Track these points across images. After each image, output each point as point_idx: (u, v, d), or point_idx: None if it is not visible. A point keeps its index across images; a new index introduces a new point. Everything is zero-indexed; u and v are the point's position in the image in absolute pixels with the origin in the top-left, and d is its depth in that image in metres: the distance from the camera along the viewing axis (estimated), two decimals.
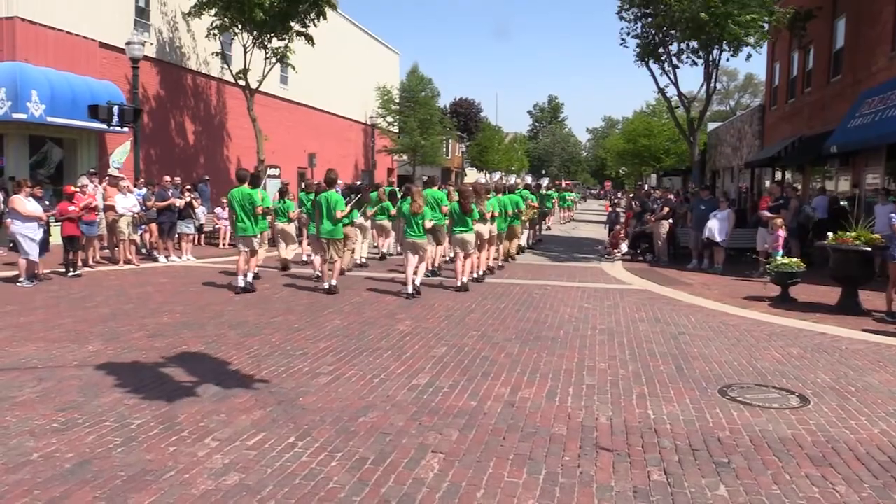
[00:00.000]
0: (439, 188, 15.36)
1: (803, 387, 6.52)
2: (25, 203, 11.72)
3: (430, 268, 13.30)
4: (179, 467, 4.42)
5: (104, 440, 4.84)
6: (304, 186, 15.31)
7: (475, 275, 12.99)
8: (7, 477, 4.22)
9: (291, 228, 14.51)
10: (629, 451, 4.86)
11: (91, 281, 12.15)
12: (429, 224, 11.73)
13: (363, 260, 15.52)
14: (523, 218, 17.76)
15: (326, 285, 11.63)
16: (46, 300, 10.31)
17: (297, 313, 9.66)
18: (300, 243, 15.68)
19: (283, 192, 14.55)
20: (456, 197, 13.11)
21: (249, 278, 11.70)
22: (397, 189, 17.88)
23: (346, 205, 11.87)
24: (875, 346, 8.34)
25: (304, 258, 15.39)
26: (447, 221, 13.16)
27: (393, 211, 15.46)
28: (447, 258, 15.23)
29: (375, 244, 17.02)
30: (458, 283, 12.05)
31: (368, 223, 15.98)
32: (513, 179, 57.74)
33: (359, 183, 23.93)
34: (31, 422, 5.17)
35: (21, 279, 11.49)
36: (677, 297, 11.81)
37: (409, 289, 11.29)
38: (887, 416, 5.72)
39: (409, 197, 12.31)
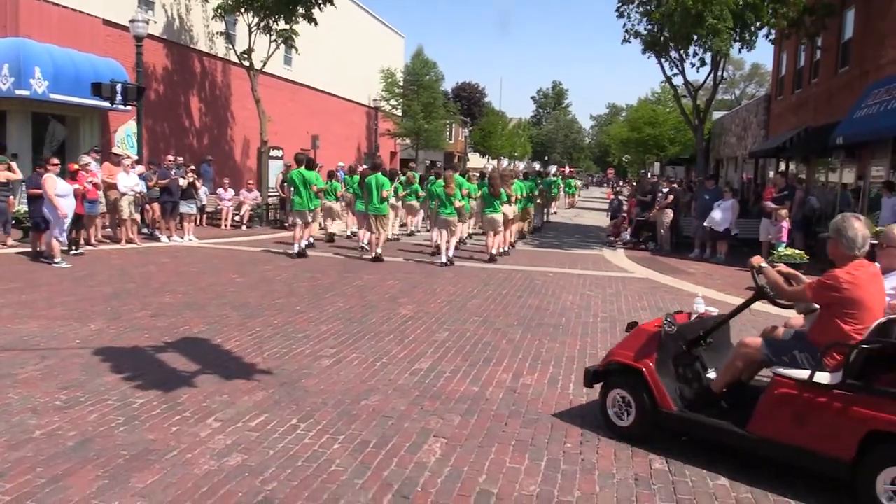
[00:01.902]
0: (461, 174, 16.77)
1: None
2: (56, 183, 11.60)
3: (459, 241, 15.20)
4: (182, 447, 4.43)
5: (106, 419, 4.85)
6: (349, 169, 17.65)
7: (503, 249, 14.93)
8: (9, 454, 4.23)
9: (337, 206, 16.85)
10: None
11: (93, 260, 12.14)
12: (458, 204, 13.64)
13: (395, 235, 17.36)
14: (539, 201, 21.03)
15: (373, 254, 13.39)
16: (49, 278, 10.30)
17: (299, 295, 9.66)
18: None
19: (330, 175, 16.77)
20: (476, 180, 16.11)
21: (303, 245, 13.68)
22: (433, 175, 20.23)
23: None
24: None
25: (349, 233, 17.27)
26: (472, 203, 15.37)
27: (421, 192, 17.77)
28: (470, 235, 17.66)
29: (403, 222, 19.28)
30: (488, 256, 13.98)
31: (399, 203, 17.80)
32: (521, 166, 58.07)
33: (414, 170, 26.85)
34: (33, 399, 5.17)
35: (56, 259, 11.33)
36: (679, 286, 11.80)
37: (444, 258, 13.17)
38: None
39: (440, 181, 14.26)
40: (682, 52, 20.16)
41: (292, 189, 13.91)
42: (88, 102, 17.03)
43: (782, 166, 23.56)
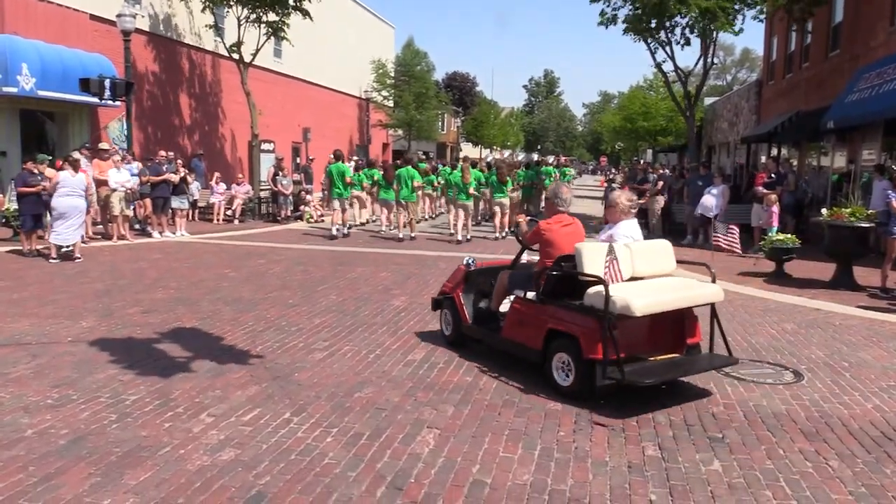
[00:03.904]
0: (473, 165, 19.23)
1: (797, 362, 6.55)
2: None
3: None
4: (175, 443, 4.42)
5: (99, 416, 4.83)
6: (367, 163, 20.43)
7: (506, 230, 16.75)
8: (1, 453, 4.21)
9: (363, 195, 19.25)
10: (624, 426, 4.87)
11: (84, 256, 12.06)
12: (472, 191, 16.21)
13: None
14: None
15: (401, 235, 15.78)
16: (40, 276, 10.26)
17: (292, 289, 9.64)
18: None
19: (357, 168, 19.67)
20: (485, 170, 19.34)
21: (345, 230, 16.20)
22: (446, 166, 22.63)
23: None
24: (869, 322, 8.37)
25: (373, 218, 19.71)
26: (483, 190, 18.28)
27: (436, 182, 20.62)
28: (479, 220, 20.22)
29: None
30: (496, 236, 16.47)
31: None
32: (521, 156, 58.46)
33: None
34: (25, 398, 5.15)
35: (54, 256, 11.58)
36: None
37: (459, 236, 15.70)
38: (880, 391, 5.75)
39: (455, 171, 16.98)
40: (667, 32, 20.15)
41: (329, 181, 16.39)
42: (77, 98, 16.93)
43: (774, 151, 23.58)
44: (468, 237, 15.78)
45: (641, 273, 5.61)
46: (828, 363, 6.53)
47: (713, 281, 5.74)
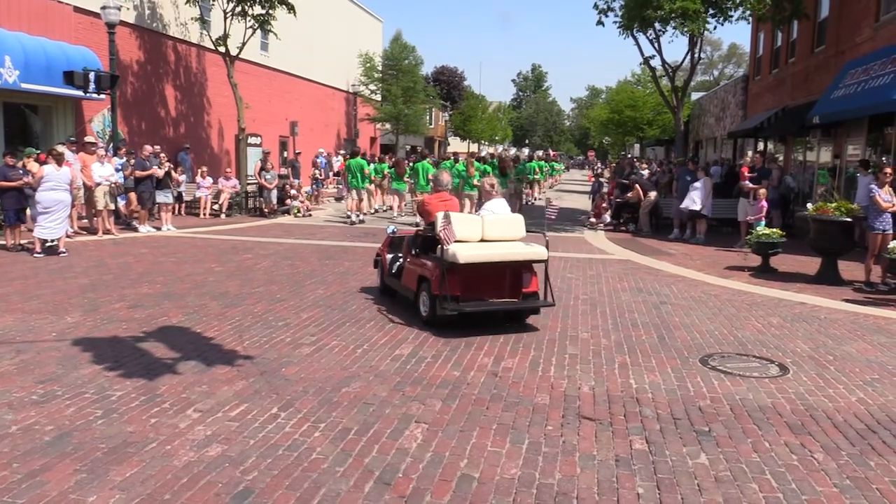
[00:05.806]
0: (477, 160, 21.16)
1: (783, 356, 6.60)
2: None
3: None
4: (161, 439, 4.39)
5: (84, 412, 4.79)
6: (378, 158, 22.59)
7: None
8: None
9: (372, 187, 21.02)
10: (611, 420, 4.89)
11: (70, 251, 11.96)
12: (477, 182, 16.53)
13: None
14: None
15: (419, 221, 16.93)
16: (24, 271, 10.15)
17: (279, 283, 9.60)
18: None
19: (369, 162, 21.19)
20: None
21: (360, 217, 18.28)
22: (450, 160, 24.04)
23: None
24: (853, 316, 8.44)
25: (385, 207, 21.92)
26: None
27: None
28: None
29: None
30: None
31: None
32: (512, 151, 59.06)
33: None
34: (9, 394, 5.10)
35: (38, 251, 11.53)
36: (659, 266, 11.87)
37: None
38: (865, 384, 5.81)
39: (458, 165, 18.82)
40: (657, 28, 20.14)
41: (348, 173, 18.63)
42: (61, 91, 16.73)
43: (760, 146, 23.71)
44: None
45: (491, 237, 7.41)
46: (813, 357, 6.58)
47: (546, 247, 7.53)
